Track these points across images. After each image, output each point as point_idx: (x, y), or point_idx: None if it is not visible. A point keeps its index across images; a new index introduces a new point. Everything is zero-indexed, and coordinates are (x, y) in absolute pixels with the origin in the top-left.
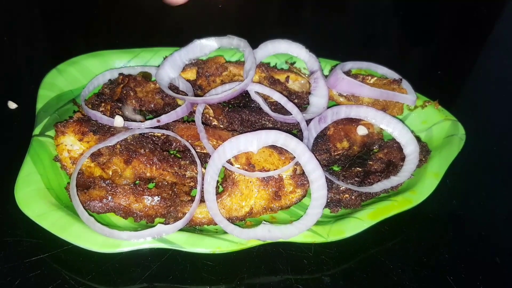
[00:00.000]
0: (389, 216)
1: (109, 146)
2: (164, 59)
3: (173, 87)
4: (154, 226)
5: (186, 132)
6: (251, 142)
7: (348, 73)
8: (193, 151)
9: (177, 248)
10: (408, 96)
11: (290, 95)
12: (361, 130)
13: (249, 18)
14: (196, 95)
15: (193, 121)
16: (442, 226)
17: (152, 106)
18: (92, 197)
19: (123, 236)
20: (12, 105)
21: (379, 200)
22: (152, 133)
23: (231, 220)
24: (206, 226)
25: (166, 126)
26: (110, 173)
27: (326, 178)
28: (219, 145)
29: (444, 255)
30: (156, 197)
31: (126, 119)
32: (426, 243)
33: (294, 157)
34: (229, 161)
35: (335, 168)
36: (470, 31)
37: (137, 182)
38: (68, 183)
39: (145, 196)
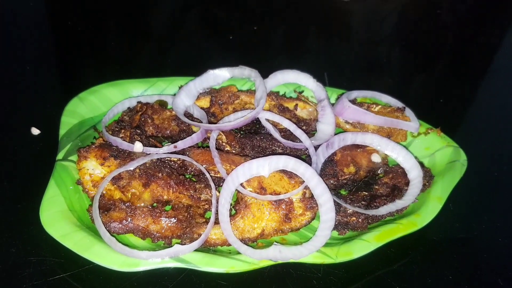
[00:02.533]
0: (395, 239)
1: (129, 170)
2: (180, 88)
3: (188, 115)
4: (171, 246)
5: (201, 157)
6: (263, 166)
7: (353, 101)
8: (207, 175)
9: (193, 267)
10: (411, 123)
11: (299, 122)
12: (375, 158)
13: (255, 47)
14: (210, 122)
15: (207, 146)
16: (446, 249)
17: (168, 132)
18: (112, 218)
19: (142, 256)
20: (35, 131)
21: (384, 223)
22: (169, 158)
23: (244, 241)
24: (220, 247)
25: (182, 152)
26: (129, 196)
27: (334, 201)
28: (232, 169)
29: (448, 276)
30: (173, 218)
31: (144, 144)
32: (430, 265)
33: (303, 181)
34: (241, 185)
35: (342, 192)
36: (472, 60)
37: (154, 204)
38: (90, 205)
39: (162, 218)
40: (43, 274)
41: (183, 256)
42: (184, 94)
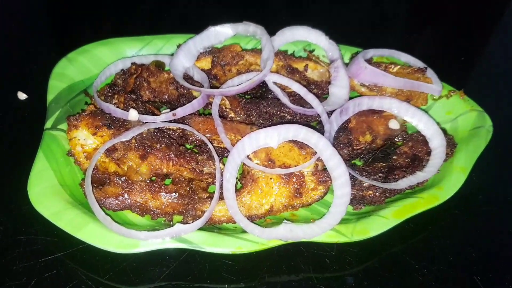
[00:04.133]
0: (415, 214)
1: (124, 141)
2: (178, 47)
3: (188, 77)
4: (172, 224)
5: (203, 126)
6: (271, 137)
7: (369, 61)
8: (210, 146)
9: (197, 248)
10: (433, 86)
11: (309, 84)
12: (393, 124)
13: (259, 1)
14: (211, 85)
15: (209, 113)
16: (469, 223)
17: (166, 97)
18: (107, 194)
19: (141, 236)
20: (21, 95)
21: (404, 197)
22: (168, 128)
23: (251, 218)
24: (225, 224)
25: (182, 120)
26: (125, 168)
27: (349, 174)
28: (237, 140)
29: (471, 254)
30: (173, 193)
31: (140, 112)
32: (451, 241)
33: (315, 152)
34: (248, 157)
35: (358, 162)
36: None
37: (153, 178)
38: (83, 179)
39: (161, 193)
40: (34, 254)
41: (185, 236)
42: (182, 54)
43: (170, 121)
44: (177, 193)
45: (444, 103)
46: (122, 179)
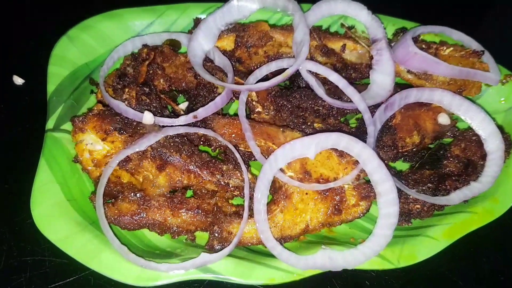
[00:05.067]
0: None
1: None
2: (195, 22)
3: (208, 61)
4: (195, 243)
5: (228, 130)
6: (308, 147)
7: (416, 39)
8: (237, 155)
9: (223, 280)
10: (490, 74)
11: (346, 67)
12: (443, 119)
13: None
14: (235, 70)
15: (235, 114)
16: None
17: (184, 85)
18: (121, 212)
19: (162, 268)
20: (17, 80)
21: (454, 210)
22: (188, 133)
23: (284, 239)
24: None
25: (204, 121)
26: (141, 179)
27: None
28: (267, 147)
29: None
30: (196, 210)
31: (154, 108)
32: (504, 259)
33: (356, 160)
34: (281, 169)
35: (401, 164)
36: None
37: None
38: (93, 192)
39: (182, 210)
40: (42, 278)
41: (211, 265)
42: (202, 34)
43: (190, 125)
44: (199, 209)
45: (498, 89)
46: (138, 194)
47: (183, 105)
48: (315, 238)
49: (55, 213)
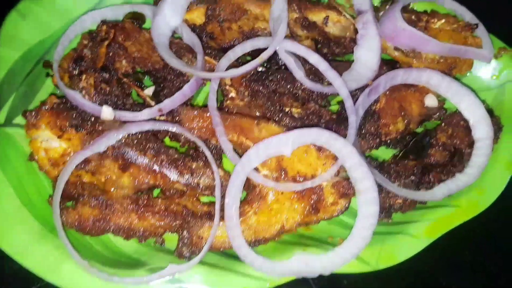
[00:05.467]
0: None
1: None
2: None
3: (175, 41)
4: (164, 246)
5: (197, 123)
6: (285, 143)
7: (405, 8)
8: (207, 154)
9: None
10: (483, 51)
11: (328, 41)
12: (430, 100)
13: None
14: (205, 45)
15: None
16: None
17: (150, 65)
18: (82, 216)
19: (127, 281)
20: None
21: (437, 204)
22: (152, 130)
23: (258, 242)
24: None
25: (171, 113)
26: (103, 179)
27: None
28: (240, 142)
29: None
30: (164, 212)
31: (115, 102)
32: (488, 253)
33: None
34: (255, 168)
35: (385, 151)
36: None
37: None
38: (51, 195)
39: (149, 213)
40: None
41: (180, 275)
42: (168, 7)
43: (155, 120)
44: (168, 211)
45: (492, 63)
46: (99, 199)
47: (149, 90)
48: (291, 237)
49: (10, 221)
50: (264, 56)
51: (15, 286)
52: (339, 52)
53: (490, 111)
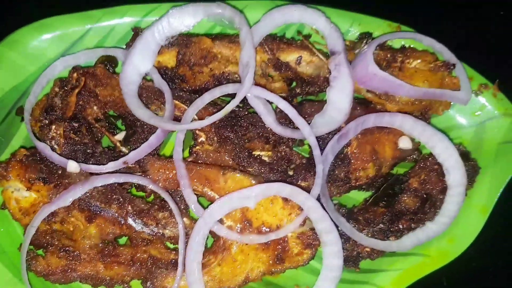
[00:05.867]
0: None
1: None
2: (134, 37)
3: (144, 86)
4: None
5: (163, 175)
6: (248, 198)
7: (382, 46)
8: (172, 206)
9: None
10: (460, 93)
11: (302, 82)
12: (404, 143)
13: None
14: (177, 87)
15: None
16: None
17: (121, 109)
18: (51, 266)
19: None
20: None
21: (406, 252)
22: (117, 184)
23: None
24: None
25: (138, 161)
26: (71, 228)
27: (342, 233)
28: (205, 192)
29: None
30: (129, 262)
31: (84, 157)
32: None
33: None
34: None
35: (353, 195)
36: None
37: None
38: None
39: (115, 264)
40: None
41: None
42: (138, 54)
43: (121, 172)
44: (133, 261)
45: (472, 100)
46: (67, 249)
47: (120, 136)
48: (257, 284)
49: None
50: (229, 107)
51: None
52: (312, 91)
53: (466, 155)
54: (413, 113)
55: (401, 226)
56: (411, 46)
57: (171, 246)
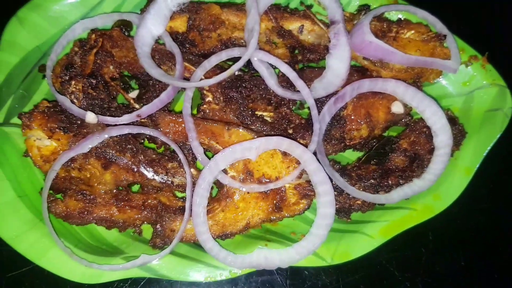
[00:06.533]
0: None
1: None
2: (148, 3)
3: (157, 48)
4: (141, 236)
5: (173, 128)
6: (249, 150)
7: (380, 18)
8: (181, 156)
9: (163, 278)
10: (449, 62)
11: (304, 50)
12: (397, 107)
13: None
14: (187, 50)
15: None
16: (463, 226)
17: (135, 69)
18: (69, 208)
19: (104, 268)
20: None
21: (394, 206)
22: (132, 134)
23: (226, 236)
24: None
25: (150, 115)
26: (88, 175)
27: (336, 186)
28: (211, 144)
29: (460, 262)
30: (141, 207)
31: (101, 111)
32: (442, 249)
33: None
34: (223, 170)
35: (348, 155)
36: None
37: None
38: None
39: (127, 207)
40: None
41: (151, 264)
42: (152, 19)
43: (134, 124)
44: (144, 206)
45: (462, 71)
46: (83, 193)
47: (133, 94)
48: (257, 231)
49: (6, 211)
50: (234, 68)
51: (11, 268)
52: (313, 58)
53: (453, 120)
54: (406, 80)
55: (390, 182)
56: (406, 18)
57: (179, 195)
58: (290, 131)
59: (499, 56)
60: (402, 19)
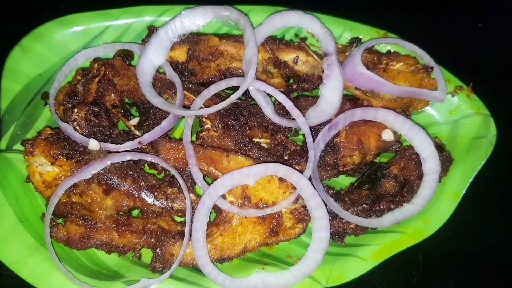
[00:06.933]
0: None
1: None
2: (149, 34)
3: (158, 77)
4: (141, 260)
5: (173, 154)
6: (247, 176)
7: (370, 50)
8: (181, 182)
9: None
10: (436, 93)
11: (299, 80)
12: (387, 135)
13: None
14: (187, 79)
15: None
16: (452, 249)
17: (136, 97)
18: (70, 233)
19: None
20: None
21: (386, 229)
22: (132, 160)
23: (223, 259)
24: None
25: (151, 142)
26: (89, 201)
27: (330, 211)
28: (210, 171)
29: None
30: (141, 231)
31: (102, 138)
32: (431, 273)
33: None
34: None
35: (341, 180)
36: None
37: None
38: (44, 213)
39: (128, 232)
40: None
41: None
42: (153, 49)
43: (135, 150)
44: (144, 230)
45: (448, 101)
46: (84, 218)
47: (134, 121)
48: (254, 255)
49: (8, 236)
50: (234, 97)
51: None
52: (307, 87)
53: (441, 147)
54: (395, 109)
55: (381, 207)
56: (395, 50)
57: (178, 219)
58: (286, 157)
59: (483, 86)
60: (392, 51)
